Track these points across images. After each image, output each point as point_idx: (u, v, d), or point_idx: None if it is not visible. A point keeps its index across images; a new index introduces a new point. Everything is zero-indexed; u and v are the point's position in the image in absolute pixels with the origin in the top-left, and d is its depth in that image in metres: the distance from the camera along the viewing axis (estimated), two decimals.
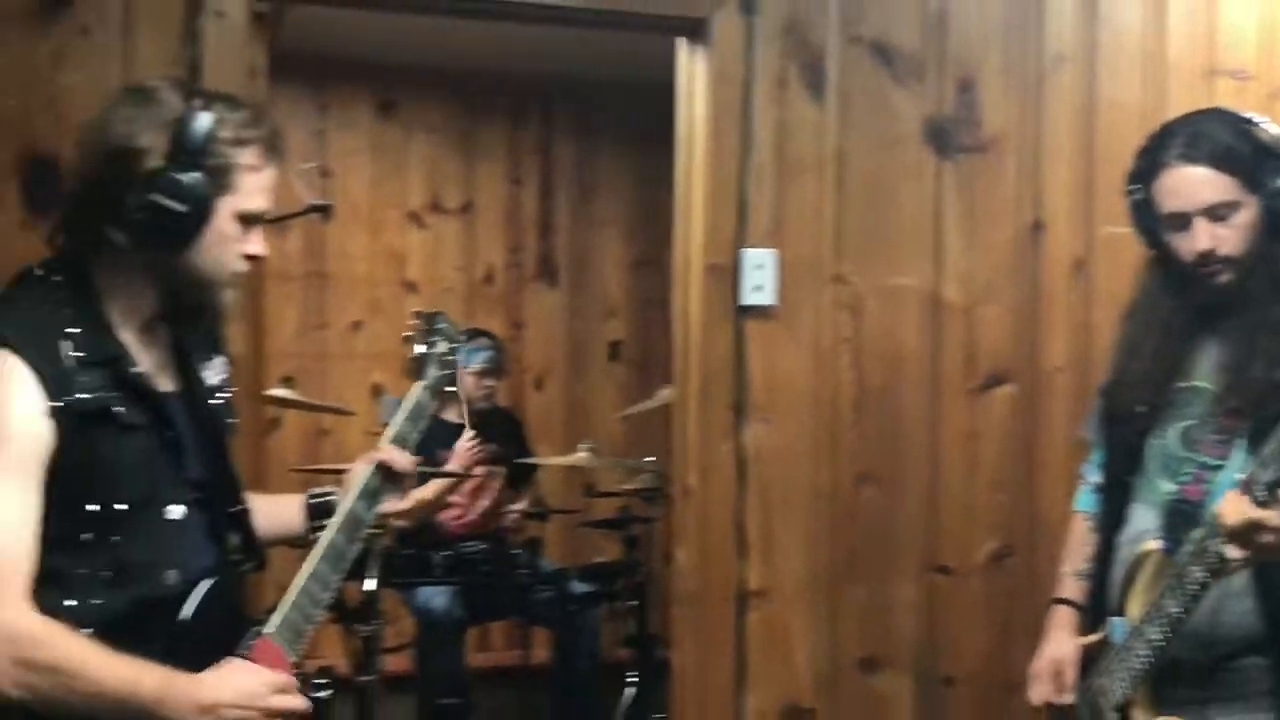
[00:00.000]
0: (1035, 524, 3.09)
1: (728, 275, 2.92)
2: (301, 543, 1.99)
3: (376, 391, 5.56)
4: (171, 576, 1.72)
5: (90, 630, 1.64)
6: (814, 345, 2.98)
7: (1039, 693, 2.14)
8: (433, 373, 2.09)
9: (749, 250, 2.92)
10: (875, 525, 3.03)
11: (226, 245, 1.75)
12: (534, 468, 4.84)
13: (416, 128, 5.65)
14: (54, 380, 1.64)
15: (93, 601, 1.67)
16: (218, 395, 1.90)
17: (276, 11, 2.90)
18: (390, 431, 2.01)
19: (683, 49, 2.99)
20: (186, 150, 1.69)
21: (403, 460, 1.99)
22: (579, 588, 4.26)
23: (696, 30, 2.92)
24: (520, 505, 4.73)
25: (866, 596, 3.03)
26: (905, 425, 3.05)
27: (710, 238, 2.92)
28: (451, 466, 4.05)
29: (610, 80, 5.51)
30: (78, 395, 1.65)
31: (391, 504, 2.00)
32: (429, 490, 4.00)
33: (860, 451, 3.02)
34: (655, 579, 4.35)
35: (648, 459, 4.39)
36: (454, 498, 4.41)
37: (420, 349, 2.09)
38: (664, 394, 4.65)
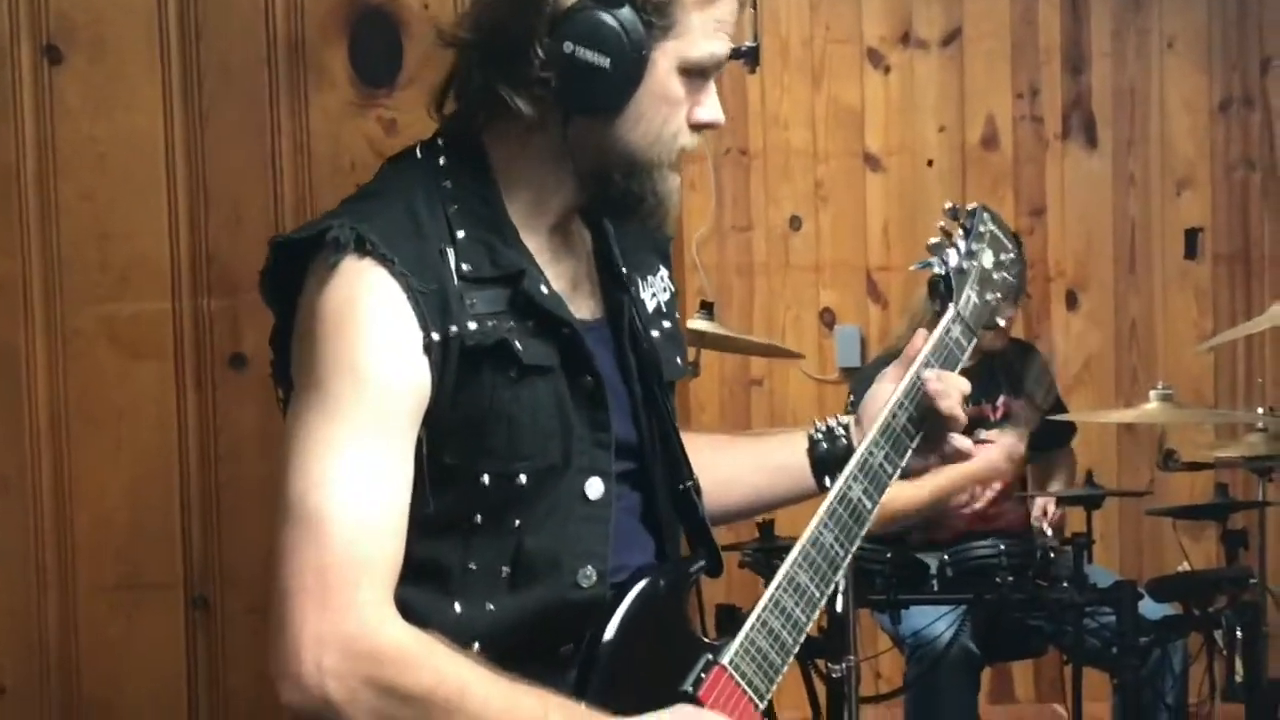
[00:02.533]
0: None
1: None
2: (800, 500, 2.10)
3: (826, 320, 5.66)
4: (589, 575, 1.80)
5: (477, 646, 1.74)
6: None
7: None
8: (971, 298, 2.11)
9: None
10: None
11: (668, 110, 1.82)
12: (1070, 428, 4.80)
13: None
14: (434, 303, 1.73)
15: (484, 607, 1.77)
16: (659, 325, 1.98)
17: None
18: (907, 375, 2.04)
19: None
20: None
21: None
22: (1153, 610, 4.17)
23: None
24: (1054, 485, 4.70)
25: None
26: None
27: None
28: (976, 465, 4.07)
29: None
30: (466, 324, 1.74)
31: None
32: (944, 478, 4.11)
33: None
34: (1277, 594, 4.23)
35: (1259, 411, 4.24)
36: None
37: (952, 261, 2.11)
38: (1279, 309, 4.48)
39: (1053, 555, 4.21)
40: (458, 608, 1.76)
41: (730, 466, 2.09)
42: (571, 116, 1.80)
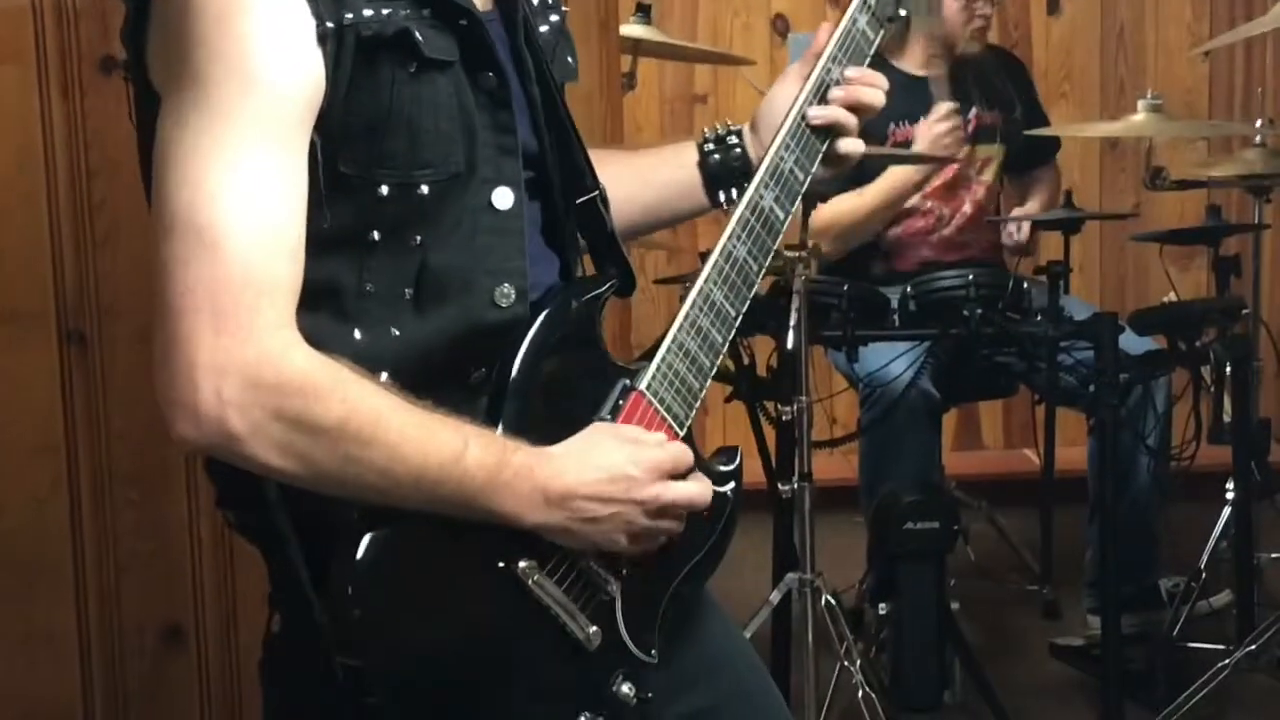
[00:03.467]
0: None
1: None
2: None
3: (779, 28, 5.61)
4: (507, 293, 1.82)
5: (385, 375, 1.74)
6: None
7: None
8: None
9: None
10: None
11: None
12: (1053, 143, 4.80)
13: None
14: None
15: (389, 332, 1.77)
16: (547, 19, 1.97)
17: None
18: (812, 73, 2.03)
19: None
20: None
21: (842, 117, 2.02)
22: (1135, 344, 4.18)
23: None
24: (1027, 208, 4.72)
25: None
26: None
27: None
28: (917, 148, 4.04)
29: None
30: (362, 12, 1.71)
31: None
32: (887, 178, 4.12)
33: None
34: (1271, 326, 4.29)
35: (1258, 124, 4.23)
36: (919, 198, 4.43)
37: None
38: None
39: (1025, 286, 4.23)
40: (358, 334, 1.75)
41: (616, 183, 2.07)
42: None
